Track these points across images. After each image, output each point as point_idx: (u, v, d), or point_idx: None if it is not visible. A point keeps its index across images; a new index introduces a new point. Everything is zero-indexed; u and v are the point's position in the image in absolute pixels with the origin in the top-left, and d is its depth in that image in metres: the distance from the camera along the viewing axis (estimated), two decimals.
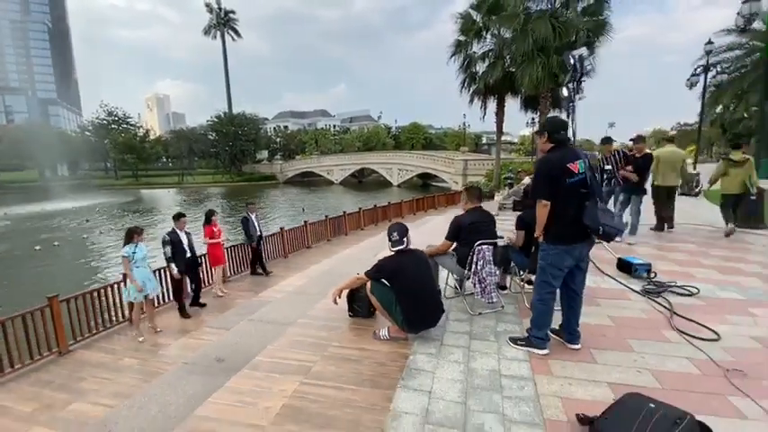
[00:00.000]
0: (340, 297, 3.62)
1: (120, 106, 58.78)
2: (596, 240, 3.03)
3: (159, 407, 3.06)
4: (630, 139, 6.83)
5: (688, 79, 14.60)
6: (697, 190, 13.75)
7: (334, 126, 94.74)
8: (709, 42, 13.83)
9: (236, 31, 60.26)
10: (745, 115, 37.94)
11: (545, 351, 2.93)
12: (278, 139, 74.15)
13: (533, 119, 29.55)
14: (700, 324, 3.35)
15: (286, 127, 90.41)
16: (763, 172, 19.92)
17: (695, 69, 14.24)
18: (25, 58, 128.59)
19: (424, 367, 2.80)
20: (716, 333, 3.20)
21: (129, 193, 45.59)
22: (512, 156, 34.02)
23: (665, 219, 7.16)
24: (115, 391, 4.21)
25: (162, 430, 2.56)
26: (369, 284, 3.33)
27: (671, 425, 1.89)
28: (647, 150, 6.47)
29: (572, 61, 4.94)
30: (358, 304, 3.76)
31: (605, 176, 7.17)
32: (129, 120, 58.37)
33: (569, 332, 3.02)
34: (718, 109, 25.83)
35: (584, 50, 5.06)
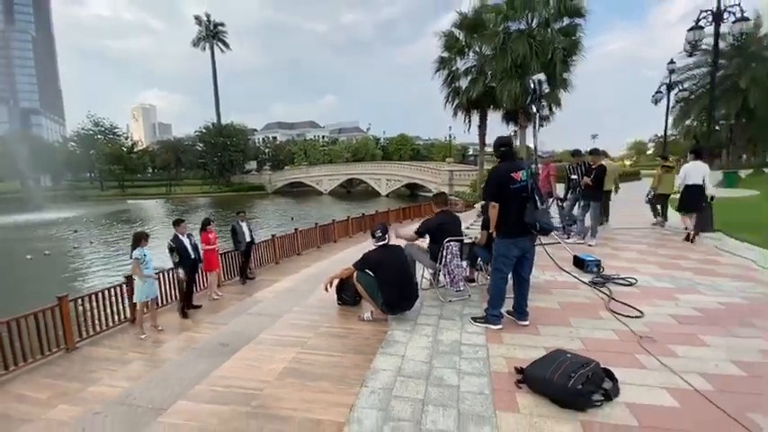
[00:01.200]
0: (331, 285, 4.22)
1: (107, 117, 58.74)
2: (540, 236, 3.72)
3: (176, 380, 3.57)
4: (587, 152, 7.63)
5: (653, 96, 15.75)
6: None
7: (323, 137, 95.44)
8: (672, 62, 15.07)
9: (225, 43, 60.92)
10: (717, 128, 40.09)
11: (499, 326, 3.57)
12: (266, 150, 74.57)
13: (515, 131, 30.73)
14: (629, 306, 4.04)
15: (275, 138, 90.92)
16: (728, 183, 21.32)
17: (659, 87, 15.40)
18: (7, 68, 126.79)
19: (399, 339, 3.41)
20: (640, 312, 3.89)
21: (115, 204, 45.34)
22: None
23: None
24: (127, 376, 4.68)
25: (181, 394, 3.08)
26: (355, 274, 3.95)
27: (579, 366, 2.53)
28: (602, 162, 7.27)
29: (532, 85, 5.71)
30: (346, 293, 4.35)
31: (571, 185, 7.95)
32: (115, 130, 58.19)
33: (519, 311, 3.67)
34: (688, 122, 27.42)
35: (542, 75, 5.84)
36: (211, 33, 59.41)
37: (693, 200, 7.31)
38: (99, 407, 3.54)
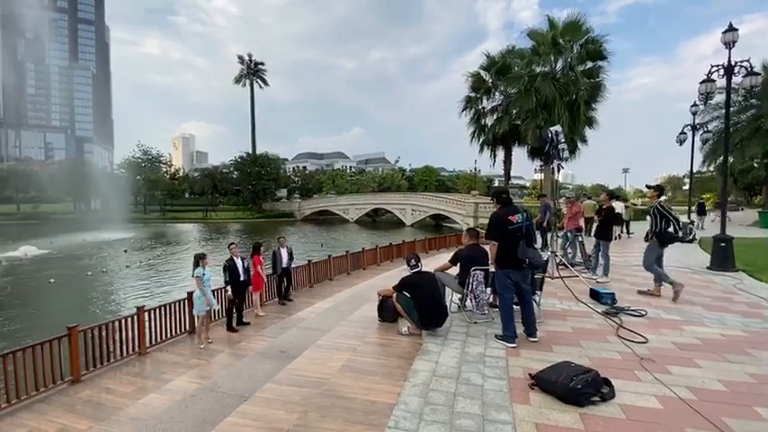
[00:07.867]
0: (380, 297, 5.05)
1: (152, 146, 63.54)
2: (560, 271, 4.39)
3: (248, 375, 4.39)
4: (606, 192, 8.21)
5: (677, 136, 16.08)
6: (691, 237, 14.85)
7: (351, 167, 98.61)
8: (695, 105, 15.50)
9: (264, 80, 65.55)
10: (755, 165, 39.01)
11: (513, 345, 4.20)
12: (297, 179, 77.71)
13: (541, 166, 31.21)
14: (636, 332, 4.58)
15: (305, 167, 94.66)
16: (764, 223, 20.86)
17: (683, 128, 15.73)
18: (68, 100, 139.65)
19: (432, 350, 4.12)
20: (645, 338, 4.43)
21: (157, 227, 48.28)
22: (522, 200, 35.35)
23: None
24: (199, 375, 5.53)
25: (259, 384, 3.87)
26: (395, 295, 4.73)
27: (581, 373, 3.17)
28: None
29: (549, 135, 6.51)
30: (386, 312, 5.11)
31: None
32: (161, 159, 62.71)
33: (527, 328, 4.32)
34: (720, 160, 27.13)
35: (558, 127, 6.63)
36: (252, 71, 64.14)
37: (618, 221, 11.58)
38: (192, 393, 4.39)
